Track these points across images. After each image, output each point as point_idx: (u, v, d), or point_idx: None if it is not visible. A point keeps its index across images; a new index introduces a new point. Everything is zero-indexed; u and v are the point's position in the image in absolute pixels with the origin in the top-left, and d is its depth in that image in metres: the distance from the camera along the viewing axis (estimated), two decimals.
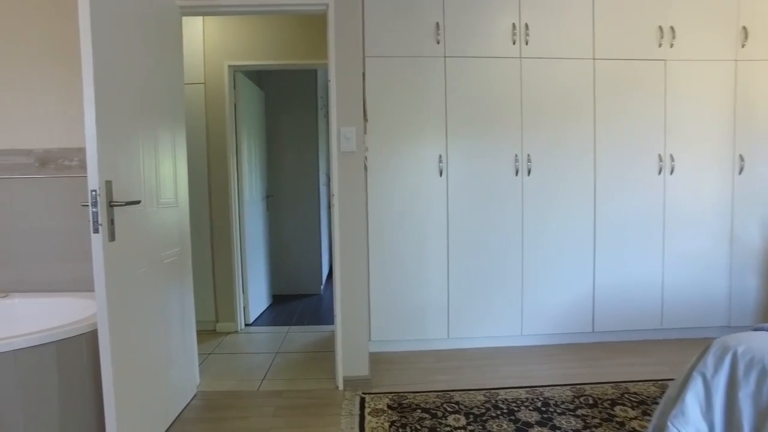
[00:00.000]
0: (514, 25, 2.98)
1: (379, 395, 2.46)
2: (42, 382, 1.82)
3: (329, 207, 4.47)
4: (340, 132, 2.55)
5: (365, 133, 2.82)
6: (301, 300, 4.66)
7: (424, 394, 2.46)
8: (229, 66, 3.50)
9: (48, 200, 2.47)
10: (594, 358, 2.91)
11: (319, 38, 3.52)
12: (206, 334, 3.50)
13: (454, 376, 2.69)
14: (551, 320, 3.11)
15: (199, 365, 2.72)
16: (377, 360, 2.93)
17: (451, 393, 2.47)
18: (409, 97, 2.98)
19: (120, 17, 1.86)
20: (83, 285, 2.40)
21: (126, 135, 1.89)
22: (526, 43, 3.00)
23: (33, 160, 2.45)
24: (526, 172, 3.04)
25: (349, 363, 2.60)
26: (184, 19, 3.18)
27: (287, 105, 4.85)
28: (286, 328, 3.71)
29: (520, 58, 3.00)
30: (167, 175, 2.27)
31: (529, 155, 3.03)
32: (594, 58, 3.02)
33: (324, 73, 4.85)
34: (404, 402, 2.38)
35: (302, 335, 3.52)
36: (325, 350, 3.16)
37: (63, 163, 2.44)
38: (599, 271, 3.11)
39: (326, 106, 5.08)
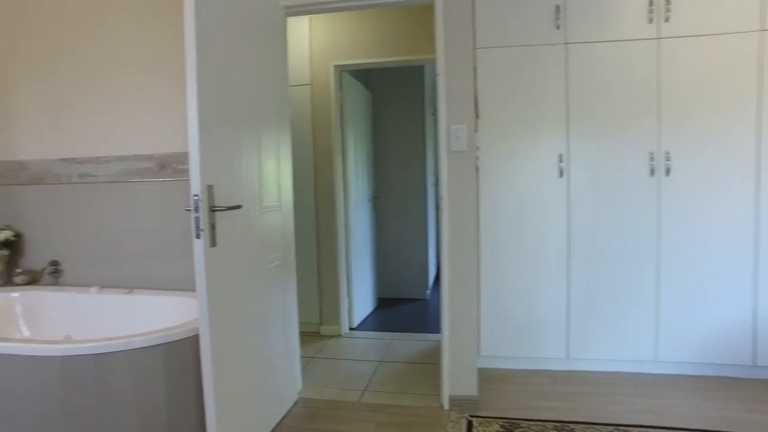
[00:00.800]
0: (650, 1, 2.56)
1: (488, 420, 2.23)
2: (151, 383, 1.86)
3: (437, 208, 4.29)
4: (449, 130, 2.35)
5: (476, 131, 2.59)
6: (406, 304, 4.53)
7: (540, 423, 2.18)
8: (335, 66, 3.46)
9: (167, 201, 2.58)
10: (759, 401, 2.37)
11: (426, 32, 3.35)
12: (310, 336, 3.50)
13: (573, 404, 2.37)
14: (695, 345, 2.63)
15: (302, 369, 2.69)
16: (485, 377, 2.68)
17: (572, 425, 2.15)
18: (525, 90, 2.70)
19: (224, 24, 1.84)
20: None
21: (229, 140, 1.87)
22: (666, 20, 2.55)
23: (154, 165, 2.58)
24: (663, 172, 2.60)
25: (455, 380, 2.39)
26: (292, 20, 3.20)
27: (394, 104, 4.75)
28: (390, 334, 3.59)
29: (658, 38, 2.57)
30: (271, 178, 2.25)
31: (667, 153, 2.59)
32: (761, 30, 2.47)
33: (431, 68, 4.68)
34: (517, 431, 2.12)
35: (406, 343, 3.38)
36: (430, 362, 2.98)
37: (178, 166, 2.53)
38: (763, 291, 2.55)
39: (434, 103, 4.90)
